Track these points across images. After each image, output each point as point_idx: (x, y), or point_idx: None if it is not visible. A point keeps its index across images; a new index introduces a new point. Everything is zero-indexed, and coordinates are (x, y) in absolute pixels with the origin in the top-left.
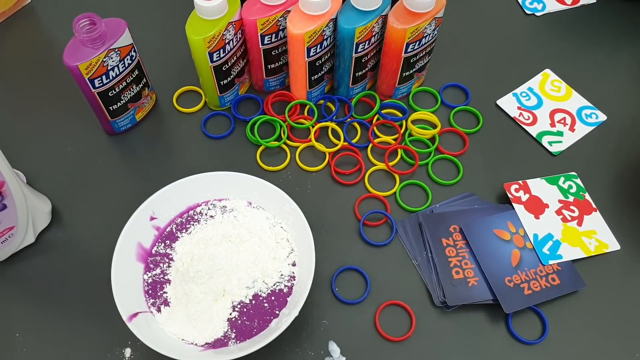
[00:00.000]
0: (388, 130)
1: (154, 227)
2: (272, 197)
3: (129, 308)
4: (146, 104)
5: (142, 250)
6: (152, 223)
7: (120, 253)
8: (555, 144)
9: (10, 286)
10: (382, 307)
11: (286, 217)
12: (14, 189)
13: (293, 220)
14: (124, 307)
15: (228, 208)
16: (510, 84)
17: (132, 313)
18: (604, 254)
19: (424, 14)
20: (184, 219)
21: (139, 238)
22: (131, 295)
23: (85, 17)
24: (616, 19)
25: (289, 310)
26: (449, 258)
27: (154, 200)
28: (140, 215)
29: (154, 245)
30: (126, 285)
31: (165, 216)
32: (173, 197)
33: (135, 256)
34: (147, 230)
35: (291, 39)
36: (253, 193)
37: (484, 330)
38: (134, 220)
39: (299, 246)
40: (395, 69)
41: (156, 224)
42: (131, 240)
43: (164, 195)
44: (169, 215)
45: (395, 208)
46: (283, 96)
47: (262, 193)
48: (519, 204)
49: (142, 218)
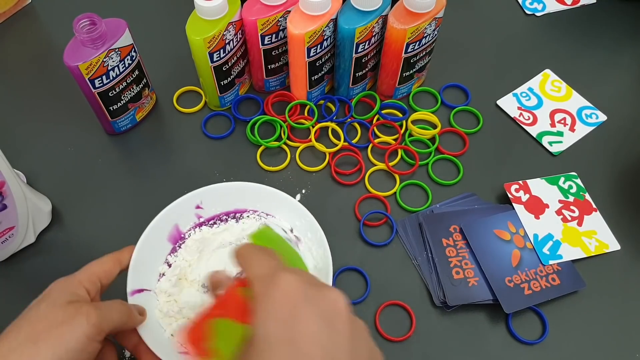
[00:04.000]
0: (388, 131)
1: (196, 215)
2: (312, 230)
3: (138, 283)
4: (146, 104)
5: (176, 232)
6: (196, 211)
7: (153, 228)
8: (556, 144)
9: (10, 286)
10: (382, 307)
11: (309, 244)
12: (14, 189)
13: (315, 252)
14: (133, 281)
15: (268, 223)
16: (511, 84)
17: (137, 289)
18: (604, 254)
19: (424, 14)
20: (222, 218)
21: (177, 220)
22: (146, 271)
23: (85, 17)
24: (616, 19)
25: None
26: (449, 258)
27: (205, 192)
28: (188, 200)
29: (188, 232)
30: (146, 261)
31: (211, 210)
32: (224, 195)
33: (167, 236)
34: (189, 216)
35: (291, 39)
36: (295, 222)
37: (484, 330)
38: (179, 203)
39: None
40: (396, 69)
41: (199, 213)
42: (169, 221)
43: (216, 191)
44: (214, 210)
45: (395, 208)
46: (283, 96)
47: (303, 224)
48: (519, 204)
49: (188, 203)
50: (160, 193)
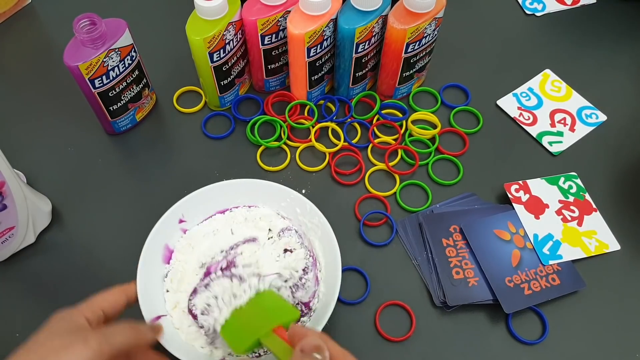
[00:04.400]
0: (388, 131)
1: (182, 230)
2: (300, 206)
3: (152, 311)
4: (146, 104)
5: (167, 252)
6: (180, 226)
7: (146, 254)
8: (556, 144)
9: (10, 286)
10: (382, 307)
11: (314, 230)
12: (14, 189)
13: (321, 234)
14: (146, 310)
15: (255, 216)
16: (511, 84)
17: (155, 316)
18: (604, 254)
19: (424, 14)
20: None
21: (166, 240)
22: (155, 298)
23: (85, 17)
24: (616, 19)
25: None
26: (449, 258)
27: (184, 204)
28: (170, 217)
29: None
30: (150, 288)
31: (194, 220)
32: (203, 201)
33: (161, 258)
34: (175, 233)
35: (291, 39)
36: (280, 203)
37: (484, 330)
38: (163, 222)
39: (325, 260)
40: (396, 69)
41: (184, 227)
42: (158, 242)
43: (194, 199)
44: (197, 219)
45: (395, 208)
46: (283, 96)
47: (289, 203)
48: (519, 204)
49: (171, 220)
50: (160, 193)
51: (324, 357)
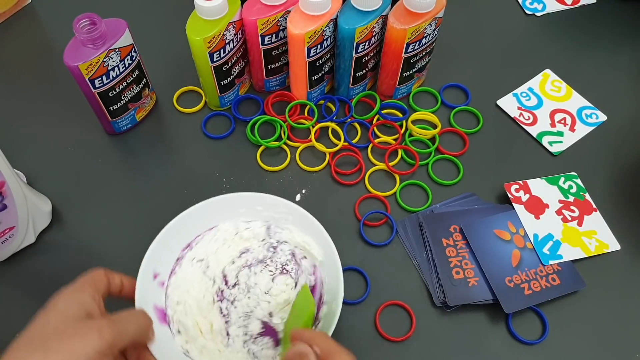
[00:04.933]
0: (388, 131)
1: (160, 284)
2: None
3: None
4: (146, 104)
5: (160, 313)
6: (156, 281)
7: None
8: (556, 144)
9: (10, 286)
10: (382, 307)
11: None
12: (14, 189)
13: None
14: None
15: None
16: (511, 84)
17: None
18: (604, 254)
19: (424, 14)
20: None
21: (153, 300)
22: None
23: (85, 17)
24: (616, 19)
25: None
26: (449, 258)
27: (150, 259)
28: (143, 278)
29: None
30: (164, 353)
31: (166, 268)
32: (167, 245)
33: (158, 320)
34: (155, 290)
35: (291, 39)
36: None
37: (484, 330)
38: (140, 286)
39: (327, 269)
40: (396, 69)
41: (161, 280)
42: (147, 306)
43: (157, 249)
44: (169, 266)
45: (395, 208)
46: (283, 96)
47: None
48: (519, 204)
49: (146, 281)
50: (160, 193)
51: None
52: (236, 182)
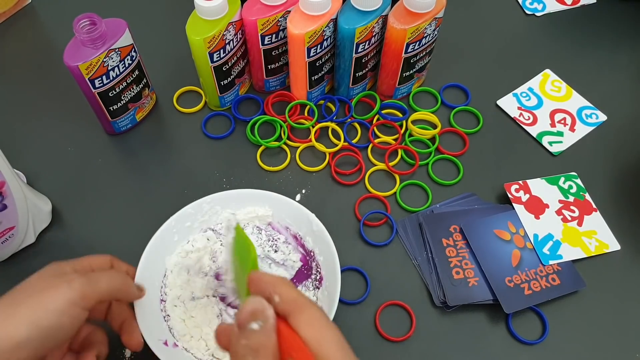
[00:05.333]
0: (388, 131)
1: (160, 291)
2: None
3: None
4: (146, 104)
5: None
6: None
7: None
8: (556, 144)
9: (11, 286)
10: (382, 307)
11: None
12: (14, 189)
13: (320, 239)
14: None
15: None
16: (511, 84)
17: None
18: (604, 254)
19: (424, 14)
20: None
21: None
22: None
23: (85, 17)
24: (616, 19)
25: None
26: (449, 258)
27: (142, 269)
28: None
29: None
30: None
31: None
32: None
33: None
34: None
35: (291, 39)
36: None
37: (484, 330)
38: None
39: (326, 268)
40: (396, 69)
41: (164, 290)
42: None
43: (149, 264)
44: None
45: (395, 208)
46: (283, 96)
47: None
48: (519, 204)
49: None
50: (160, 193)
51: (265, 319)
52: (236, 182)
